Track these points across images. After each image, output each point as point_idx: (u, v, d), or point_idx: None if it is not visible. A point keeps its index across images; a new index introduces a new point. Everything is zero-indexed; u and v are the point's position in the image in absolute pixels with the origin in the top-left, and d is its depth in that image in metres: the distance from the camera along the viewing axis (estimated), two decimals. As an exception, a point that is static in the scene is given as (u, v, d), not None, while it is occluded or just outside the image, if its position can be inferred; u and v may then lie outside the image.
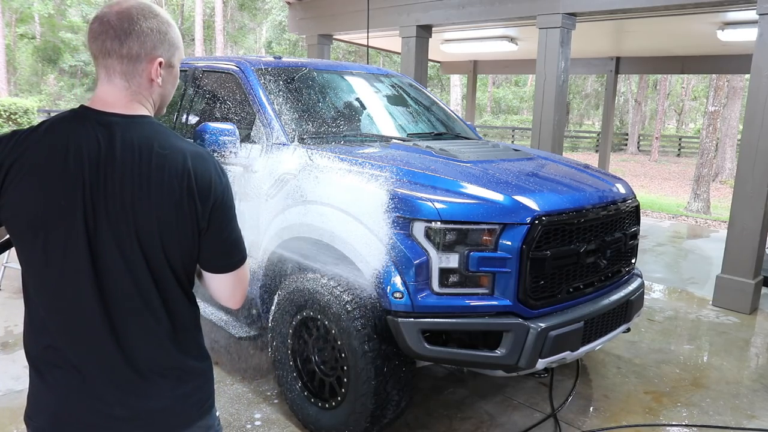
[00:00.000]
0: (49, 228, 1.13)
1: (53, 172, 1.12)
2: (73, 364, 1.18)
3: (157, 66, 1.22)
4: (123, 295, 1.18)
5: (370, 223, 2.53)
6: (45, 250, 1.14)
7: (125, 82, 1.21)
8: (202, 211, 1.20)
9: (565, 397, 3.32)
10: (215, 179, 1.23)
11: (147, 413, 1.24)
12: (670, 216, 10.20)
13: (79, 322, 1.18)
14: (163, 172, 1.16)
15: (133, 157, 1.16)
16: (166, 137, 1.21)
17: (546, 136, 6.01)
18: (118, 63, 1.19)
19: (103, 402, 1.20)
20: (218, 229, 1.24)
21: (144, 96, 1.23)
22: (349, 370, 2.57)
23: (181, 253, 1.21)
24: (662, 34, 7.58)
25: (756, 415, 3.25)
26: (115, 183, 1.14)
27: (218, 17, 26.15)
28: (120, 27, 1.17)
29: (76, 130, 1.15)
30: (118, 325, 1.18)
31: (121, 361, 1.20)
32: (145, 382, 1.22)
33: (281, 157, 3.06)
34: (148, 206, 1.16)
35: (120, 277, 1.17)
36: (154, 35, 1.20)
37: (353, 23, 7.79)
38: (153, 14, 1.21)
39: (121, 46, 1.18)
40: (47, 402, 1.21)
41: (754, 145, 4.72)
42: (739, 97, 16.64)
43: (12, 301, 4.58)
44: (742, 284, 4.90)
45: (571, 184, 2.89)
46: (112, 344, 1.18)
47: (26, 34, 30.23)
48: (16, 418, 2.92)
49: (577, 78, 30.65)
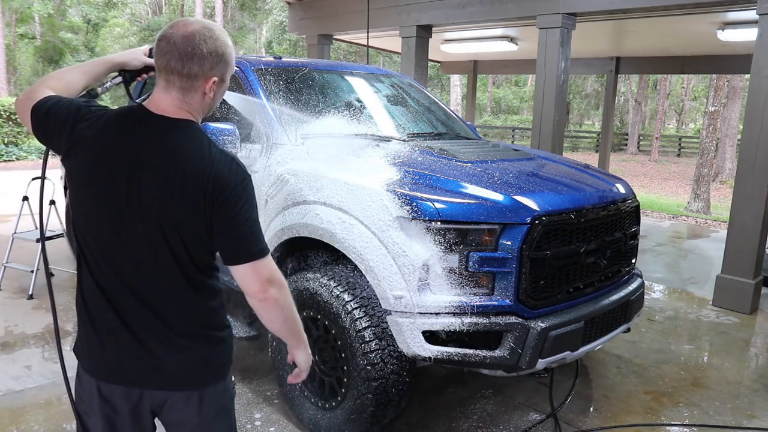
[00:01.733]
0: (95, 198, 1.37)
1: (106, 156, 1.35)
2: (115, 310, 1.41)
3: (211, 84, 1.41)
4: (147, 271, 1.38)
5: (370, 222, 2.53)
6: (92, 215, 1.39)
7: (181, 95, 1.39)
8: (214, 209, 1.35)
9: (565, 397, 3.32)
10: (233, 181, 1.37)
11: (163, 368, 1.43)
12: (670, 216, 10.20)
13: (115, 288, 1.41)
14: (188, 175, 1.34)
15: (167, 158, 1.35)
16: (200, 143, 1.39)
17: (546, 136, 6.01)
18: (178, 79, 1.38)
19: (128, 351, 1.42)
20: (228, 224, 1.37)
21: (194, 107, 1.42)
22: (349, 370, 2.57)
23: (197, 245, 1.39)
24: (662, 34, 7.58)
25: (756, 415, 3.25)
26: (149, 178, 1.34)
27: (218, 17, 26.15)
28: (184, 50, 1.35)
29: (134, 124, 1.38)
30: (145, 297, 1.40)
31: (152, 320, 1.41)
32: (164, 342, 1.42)
33: (281, 157, 3.06)
34: (169, 203, 1.34)
35: (143, 254, 1.37)
36: (212, 58, 1.38)
37: (353, 23, 7.79)
38: (213, 37, 1.38)
39: (183, 67, 1.36)
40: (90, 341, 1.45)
41: (754, 145, 4.72)
42: (739, 97, 16.64)
43: (12, 301, 4.57)
44: (742, 284, 4.90)
45: (571, 184, 2.89)
46: (141, 306, 1.41)
47: (26, 34, 30.22)
48: (17, 418, 2.92)
49: (577, 78, 30.63)
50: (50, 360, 3.58)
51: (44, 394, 3.15)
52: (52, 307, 1.64)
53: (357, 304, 2.55)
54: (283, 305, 1.46)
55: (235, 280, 1.44)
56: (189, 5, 30.90)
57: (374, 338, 2.50)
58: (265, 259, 1.42)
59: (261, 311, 1.46)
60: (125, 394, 1.45)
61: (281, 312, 1.47)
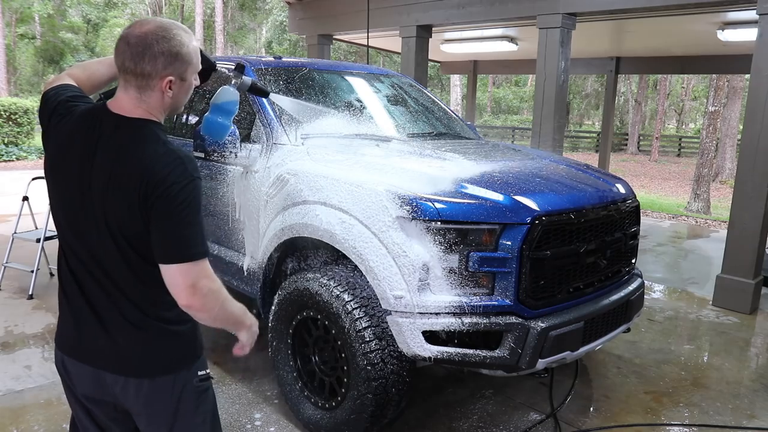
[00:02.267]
0: (57, 189, 1.47)
1: (65, 151, 1.45)
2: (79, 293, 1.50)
3: (167, 83, 1.44)
4: (101, 263, 1.45)
5: (370, 223, 2.53)
6: (57, 206, 1.49)
7: (138, 94, 1.44)
8: (147, 208, 1.37)
9: (564, 397, 3.32)
10: (169, 180, 1.36)
11: (118, 352, 1.49)
12: (670, 216, 10.20)
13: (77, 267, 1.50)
14: (126, 174, 1.38)
15: (112, 156, 1.40)
16: (148, 143, 1.42)
17: (546, 136, 6.00)
18: (134, 79, 1.42)
19: (90, 332, 1.50)
20: (161, 223, 1.38)
21: (153, 105, 1.46)
22: (349, 370, 2.57)
23: (141, 241, 1.41)
24: (662, 34, 7.57)
25: (756, 415, 3.25)
26: (96, 175, 1.40)
27: (218, 17, 26.13)
28: (136, 50, 1.39)
29: (92, 121, 1.45)
30: (103, 284, 1.47)
31: (110, 306, 1.48)
32: (119, 328, 1.48)
33: (281, 157, 3.06)
34: (111, 201, 1.39)
35: (95, 245, 1.44)
36: (166, 57, 1.41)
37: (353, 23, 7.79)
38: (167, 38, 1.41)
39: (136, 66, 1.40)
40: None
41: (754, 145, 4.72)
42: (739, 97, 16.64)
43: (12, 301, 4.57)
44: (742, 284, 4.90)
45: (571, 184, 2.89)
46: (101, 292, 1.48)
47: (26, 34, 30.22)
48: (16, 418, 2.92)
49: (577, 78, 30.63)
50: (50, 360, 3.58)
51: (44, 394, 3.15)
52: None
53: (357, 304, 2.55)
54: (210, 308, 1.44)
55: (164, 279, 1.42)
56: (189, 5, 30.89)
57: (374, 338, 2.50)
58: (194, 264, 1.39)
59: (189, 312, 1.44)
60: (87, 372, 1.52)
61: (209, 314, 1.45)
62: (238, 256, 3.36)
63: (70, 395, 1.61)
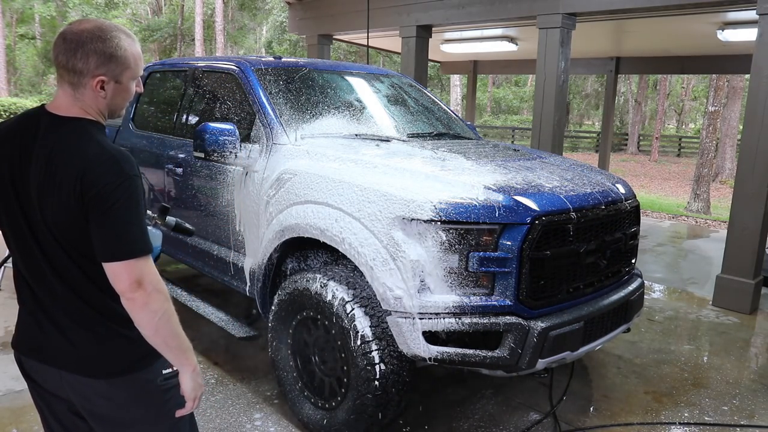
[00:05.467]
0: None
1: (2, 154, 1.44)
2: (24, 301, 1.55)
3: (98, 82, 1.43)
4: (47, 261, 1.44)
5: (370, 223, 2.53)
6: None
7: (71, 90, 1.44)
8: (84, 207, 1.36)
9: (561, 396, 3.32)
10: (102, 180, 1.36)
11: (63, 354, 1.49)
12: (670, 216, 10.20)
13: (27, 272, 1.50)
14: (60, 173, 1.37)
15: (45, 155, 1.39)
16: (81, 141, 1.40)
17: (546, 136, 6.01)
18: (66, 74, 1.42)
19: (41, 330, 1.52)
20: (98, 221, 1.37)
21: (87, 104, 1.45)
22: (349, 370, 2.57)
23: (81, 241, 1.41)
24: (662, 34, 7.57)
25: (756, 415, 3.25)
26: (30, 174, 1.40)
27: (218, 17, 26.13)
28: (69, 46, 1.40)
29: (27, 122, 1.45)
30: (48, 285, 1.47)
31: (56, 305, 1.48)
32: (67, 326, 1.48)
33: (281, 157, 3.06)
34: (47, 201, 1.38)
35: (43, 249, 1.43)
36: (98, 57, 1.41)
37: (353, 23, 7.79)
38: (104, 38, 1.41)
39: (68, 62, 1.40)
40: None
41: (754, 145, 4.72)
42: (739, 97, 16.64)
43: (12, 301, 4.57)
44: (742, 284, 4.90)
45: (571, 184, 2.89)
46: (47, 292, 1.48)
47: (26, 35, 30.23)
48: (16, 418, 2.92)
49: (577, 78, 30.64)
50: (50, 360, 3.58)
51: (44, 394, 3.15)
52: None
53: (357, 304, 2.55)
54: (154, 310, 1.39)
55: (109, 279, 1.41)
56: (189, 5, 30.89)
57: (374, 338, 2.50)
58: (136, 260, 1.38)
59: (131, 313, 1.41)
60: (49, 371, 1.53)
61: (152, 317, 1.40)
62: (238, 256, 3.36)
63: (35, 395, 1.62)
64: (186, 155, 3.68)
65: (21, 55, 29.82)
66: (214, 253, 3.54)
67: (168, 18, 32.40)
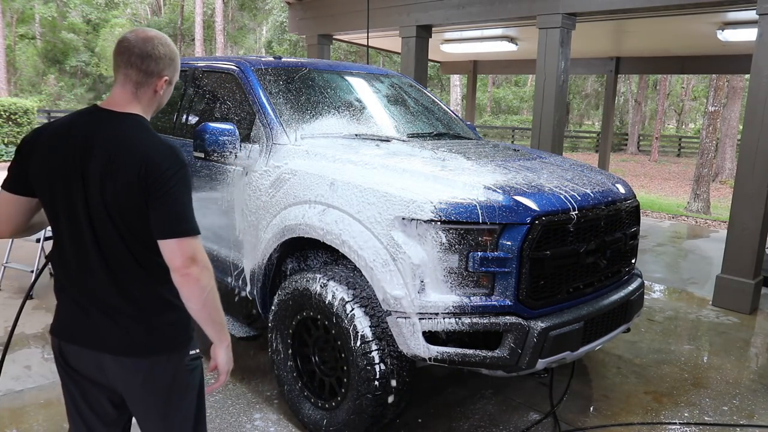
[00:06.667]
0: (54, 189, 1.56)
1: (60, 148, 1.55)
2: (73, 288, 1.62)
3: (163, 82, 1.64)
4: (99, 246, 1.55)
5: (370, 223, 2.53)
6: (53, 204, 1.57)
7: (135, 89, 1.60)
8: (146, 189, 1.50)
9: (561, 396, 3.32)
10: (162, 166, 1.52)
11: (107, 337, 1.59)
12: (670, 216, 10.20)
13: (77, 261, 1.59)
14: (126, 158, 1.51)
15: (109, 143, 1.53)
16: (140, 132, 1.57)
17: (546, 136, 6.01)
18: (136, 74, 1.59)
19: (88, 315, 1.61)
20: (158, 202, 1.51)
21: (144, 102, 1.63)
22: (349, 370, 2.57)
23: (139, 219, 1.53)
24: (662, 34, 7.57)
25: (756, 415, 3.25)
26: (92, 163, 1.52)
27: (218, 17, 26.13)
28: (143, 48, 1.58)
29: (83, 117, 1.59)
30: (99, 267, 1.57)
31: (103, 288, 1.58)
32: (109, 312, 1.59)
33: (281, 157, 3.06)
34: (114, 183, 1.50)
35: (90, 236, 1.55)
36: (166, 60, 1.62)
37: (353, 23, 7.79)
38: (166, 44, 1.63)
39: (142, 63, 1.58)
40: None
41: (754, 145, 4.72)
42: (739, 97, 16.64)
43: (12, 301, 4.57)
44: (742, 284, 4.90)
45: (571, 184, 2.89)
46: (95, 277, 1.58)
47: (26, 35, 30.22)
48: (17, 418, 2.92)
49: (577, 78, 30.62)
50: (50, 360, 3.58)
51: (44, 394, 3.15)
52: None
53: (357, 304, 2.55)
54: (204, 285, 1.54)
55: (163, 255, 1.54)
56: (189, 5, 30.89)
57: (374, 338, 2.50)
58: (191, 238, 1.53)
59: (181, 287, 1.54)
60: (87, 356, 1.62)
61: (201, 292, 1.54)
62: (238, 257, 3.36)
63: (69, 381, 1.68)
64: (186, 155, 3.67)
65: (21, 55, 29.77)
66: (214, 253, 3.54)
67: (168, 18, 32.41)
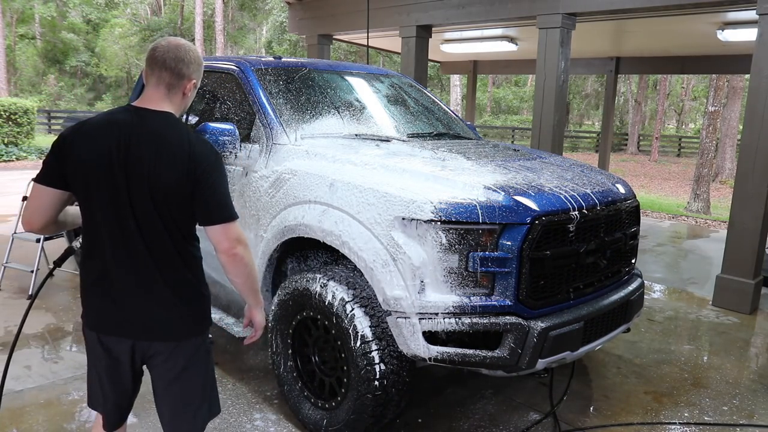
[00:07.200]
0: (93, 184, 1.67)
1: (99, 143, 1.65)
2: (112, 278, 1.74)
3: (191, 85, 1.80)
4: (133, 239, 1.68)
5: (370, 223, 2.53)
6: (89, 198, 1.68)
7: (167, 91, 1.75)
8: (194, 180, 1.66)
9: (561, 396, 3.32)
10: (208, 158, 1.70)
11: (146, 324, 1.75)
12: (670, 216, 10.20)
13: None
14: (173, 150, 1.66)
15: (152, 138, 1.66)
16: (179, 128, 1.73)
17: (546, 136, 6.01)
18: (169, 76, 1.74)
19: (125, 306, 1.75)
20: (205, 192, 1.68)
21: (175, 102, 1.78)
22: (349, 370, 2.57)
23: (180, 208, 1.69)
24: (662, 34, 7.58)
25: (756, 415, 3.25)
26: (134, 155, 1.64)
27: (218, 17, 26.12)
28: (176, 53, 1.74)
29: (120, 115, 1.70)
30: (131, 262, 1.71)
31: (141, 277, 1.73)
32: (148, 300, 1.73)
33: (281, 157, 3.06)
34: (157, 176, 1.64)
35: (133, 226, 1.67)
36: (194, 64, 1.79)
37: (353, 23, 7.79)
38: (194, 50, 1.80)
39: (176, 65, 1.74)
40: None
41: (754, 145, 4.72)
42: (739, 97, 16.64)
43: (12, 301, 4.57)
44: (742, 284, 4.90)
45: (571, 184, 2.89)
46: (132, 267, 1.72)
47: (26, 35, 30.23)
48: (16, 418, 2.92)
49: (577, 78, 30.63)
50: (50, 360, 3.58)
51: (44, 394, 3.15)
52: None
53: (357, 304, 2.55)
54: (248, 262, 1.78)
55: (209, 239, 1.73)
56: (189, 5, 30.88)
57: (374, 338, 2.50)
58: (234, 223, 1.74)
59: (229, 266, 1.76)
60: (124, 344, 1.77)
61: (246, 268, 1.79)
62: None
63: (103, 364, 1.81)
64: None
65: (21, 55, 29.78)
66: (214, 253, 3.54)
67: (168, 18, 32.40)
